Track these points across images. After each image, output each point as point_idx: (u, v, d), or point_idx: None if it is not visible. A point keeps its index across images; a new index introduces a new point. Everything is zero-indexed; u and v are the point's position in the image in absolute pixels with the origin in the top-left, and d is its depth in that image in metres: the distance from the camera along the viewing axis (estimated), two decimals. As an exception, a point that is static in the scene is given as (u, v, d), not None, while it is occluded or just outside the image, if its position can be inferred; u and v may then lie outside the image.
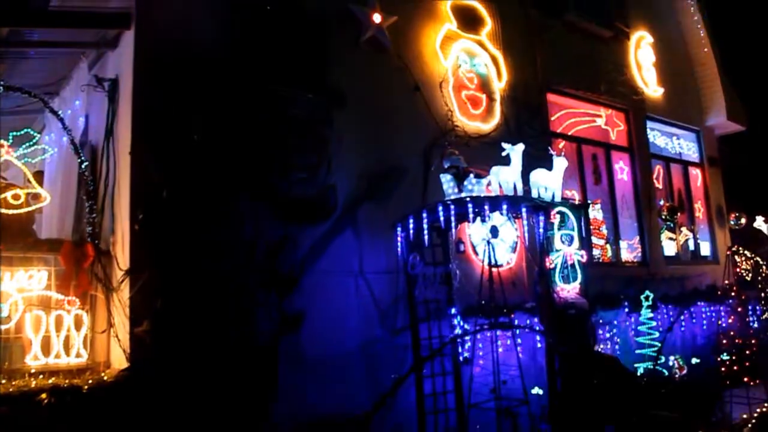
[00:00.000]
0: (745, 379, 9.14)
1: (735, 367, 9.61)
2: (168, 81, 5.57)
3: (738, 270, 11.41)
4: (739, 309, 10.58)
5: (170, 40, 5.70)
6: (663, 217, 10.87)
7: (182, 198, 5.41)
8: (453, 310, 6.86)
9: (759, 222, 12.55)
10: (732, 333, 10.13)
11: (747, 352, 9.83)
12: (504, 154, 6.95)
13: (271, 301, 5.82)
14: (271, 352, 5.68)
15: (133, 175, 5.45)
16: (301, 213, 6.21)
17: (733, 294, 10.77)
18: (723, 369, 9.66)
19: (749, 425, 7.15)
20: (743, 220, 12.51)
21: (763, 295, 11.23)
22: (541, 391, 7.17)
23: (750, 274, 11.41)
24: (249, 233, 5.77)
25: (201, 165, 5.58)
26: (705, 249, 12.29)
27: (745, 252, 11.57)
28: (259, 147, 5.97)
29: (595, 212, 9.91)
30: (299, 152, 6.33)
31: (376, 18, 7.32)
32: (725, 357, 9.80)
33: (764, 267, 11.41)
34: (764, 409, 7.24)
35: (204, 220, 5.52)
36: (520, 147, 6.96)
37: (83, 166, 5.83)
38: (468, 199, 6.28)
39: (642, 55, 11.33)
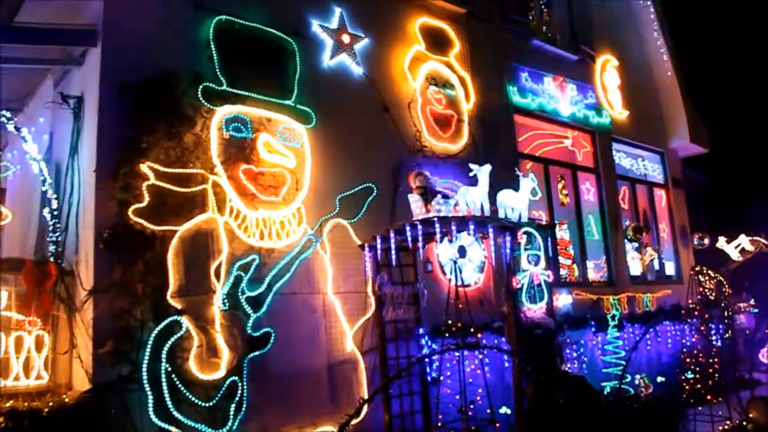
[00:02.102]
0: (709, 397, 9.29)
1: (699, 386, 9.77)
2: (134, 98, 5.53)
3: (702, 289, 11.60)
4: (703, 328, 10.75)
5: (137, 57, 5.67)
6: (628, 237, 11.03)
7: (148, 217, 5.36)
8: (421, 330, 6.87)
9: (721, 242, 12.79)
10: (696, 352, 10.27)
11: (710, 370, 10.00)
12: (471, 174, 7.00)
13: (238, 321, 5.78)
14: (237, 371, 5.62)
15: (98, 192, 5.40)
16: (268, 232, 6.19)
17: (696, 313, 10.94)
18: (687, 387, 9.81)
19: (712, 443, 7.27)
20: (706, 241, 12.75)
21: (725, 314, 11.44)
22: (509, 411, 7.18)
23: (713, 294, 11.61)
24: (216, 252, 5.73)
25: (167, 183, 5.53)
26: (670, 269, 12.52)
27: (709, 272, 11.78)
28: (225, 166, 5.95)
29: (562, 232, 10.03)
30: (267, 170, 6.32)
31: (345, 39, 7.40)
32: (689, 375, 9.95)
33: (727, 286, 11.64)
34: (727, 427, 7.34)
35: (170, 239, 5.47)
36: (488, 168, 7.02)
37: (47, 184, 5.75)
38: (435, 219, 6.29)
39: (607, 78, 11.57)
